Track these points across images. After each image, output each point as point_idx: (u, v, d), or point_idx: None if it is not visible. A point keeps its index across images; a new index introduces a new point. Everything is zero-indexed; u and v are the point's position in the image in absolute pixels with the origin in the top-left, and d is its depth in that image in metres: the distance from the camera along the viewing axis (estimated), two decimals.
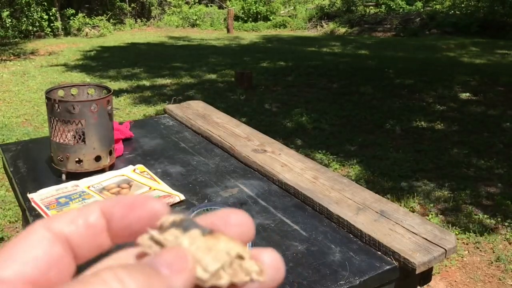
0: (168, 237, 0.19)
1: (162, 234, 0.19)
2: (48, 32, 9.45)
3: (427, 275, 0.88)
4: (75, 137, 1.02)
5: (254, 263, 0.19)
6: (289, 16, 11.62)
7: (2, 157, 1.17)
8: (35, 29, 9.28)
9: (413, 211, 2.23)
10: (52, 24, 9.56)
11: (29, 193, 0.94)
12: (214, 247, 0.19)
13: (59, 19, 9.71)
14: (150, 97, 4.60)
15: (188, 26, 11.53)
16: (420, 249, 0.82)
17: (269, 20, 11.46)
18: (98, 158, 1.04)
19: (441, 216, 2.30)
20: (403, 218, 0.90)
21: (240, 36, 9.88)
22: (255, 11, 11.40)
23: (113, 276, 0.17)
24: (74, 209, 0.21)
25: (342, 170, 2.81)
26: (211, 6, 12.76)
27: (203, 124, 1.33)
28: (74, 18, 10.02)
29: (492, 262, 1.94)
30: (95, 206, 0.21)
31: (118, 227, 0.21)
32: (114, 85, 5.00)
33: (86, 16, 10.24)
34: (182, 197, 0.94)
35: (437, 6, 10.95)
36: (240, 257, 0.19)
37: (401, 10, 10.84)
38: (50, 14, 9.48)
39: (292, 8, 12.01)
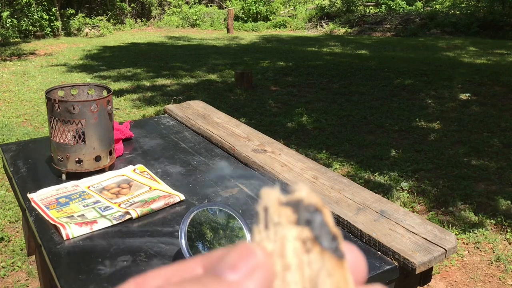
0: (272, 235, 0.15)
1: (268, 229, 0.15)
2: (48, 32, 9.45)
3: (427, 275, 0.88)
4: (75, 137, 1.02)
5: None
6: (289, 16, 11.62)
7: (2, 157, 1.17)
8: (35, 29, 9.28)
9: (413, 211, 2.23)
10: (52, 24, 9.56)
11: (29, 193, 0.94)
12: (321, 269, 0.15)
13: (59, 19, 9.71)
14: (150, 97, 4.60)
15: (188, 26, 11.53)
16: (420, 249, 0.82)
17: (269, 20, 11.46)
18: (98, 158, 1.04)
19: (441, 216, 2.30)
20: (403, 218, 0.90)
21: (240, 36, 9.88)
22: (255, 11, 11.40)
23: None
24: (169, 266, 0.17)
25: (342, 170, 2.81)
26: (211, 6, 12.76)
27: (203, 124, 1.33)
28: (74, 18, 10.02)
29: (492, 262, 1.94)
30: (196, 262, 0.17)
31: None
32: (114, 85, 5.00)
33: (86, 16, 10.24)
34: (182, 197, 0.94)
35: (437, 6, 10.95)
36: None
37: (401, 10, 10.84)
38: (50, 14, 9.48)
39: (292, 8, 12.02)
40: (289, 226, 0.15)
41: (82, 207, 0.90)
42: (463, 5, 10.29)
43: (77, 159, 1.02)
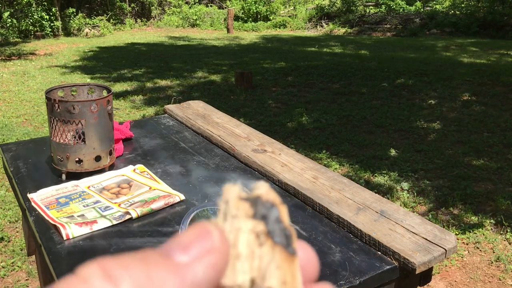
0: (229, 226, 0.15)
1: (227, 219, 0.15)
2: (48, 32, 9.45)
3: (427, 275, 0.88)
4: (75, 137, 1.02)
5: None
6: (289, 16, 11.62)
7: (2, 157, 1.17)
8: (35, 29, 9.28)
9: (413, 211, 2.23)
10: (52, 24, 9.56)
11: (29, 193, 0.94)
12: (271, 261, 0.15)
13: (59, 19, 9.70)
14: (150, 97, 4.60)
15: (188, 26, 11.53)
16: (420, 249, 0.82)
17: (269, 20, 11.46)
18: (98, 158, 1.04)
19: (441, 216, 2.30)
20: (403, 218, 0.90)
21: (240, 36, 9.88)
22: (255, 11, 11.40)
23: (99, 272, 0.12)
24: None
25: (342, 170, 2.81)
26: (211, 6, 12.75)
27: (203, 124, 1.33)
28: (74, 18, 10.02)
29: (492, 262, 1.94)
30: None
31: None
32: (114, 85, 5.01)
33: (86, 16, 10.24)
34: (182, 197, 0.94)
35: (437, 6, 10.95)
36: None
37: (401, 10, 10.84)
38: (51, 14, 9.48)
39: (292, 8, 12.01)
40: (245, 219, 0.16)
41: (82, 207, 0.90)
42: (463, 5, 10.29)
43: (77, 159, 1.02)
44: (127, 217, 0.85)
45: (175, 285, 0.13)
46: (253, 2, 11.33)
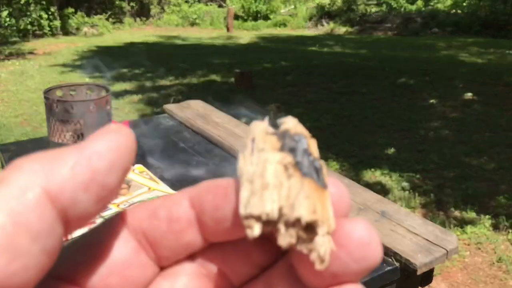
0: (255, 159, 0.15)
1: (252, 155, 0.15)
2: (46, 32, 9.43)
3: (428, 276, 0.88)
4: (73, 137, 1.02)
5: (329, 240, 0.14)
6: (290, 15, 11.61)
7: (0, 158, 1.17)
8: (34, 28, 9.27)
9: (414, 211, 2.22)
10: (50, 24, 9.54)
11: None
12: (300, 192, 0.14)
13: (58, 18, 9.69)
14: (149, 96, 4.59)
15: (187, 25, 11.52)
16: (421, 250, 0.81)
17: (269, 19, 11.44)
18: None
19: (442, 216, 2.29)
20: (404, 219, 0.89)
21: (240, 35, 9.87)
22: (255, 10, 11.38)
23: (10, 166, 0.13)
24: (156, 199, 0.17)
25: (342, 170, 2.80)
26: (210, 5, 12.74)
27: (202, 124, 1.33)
28: (73, 17, 10.01)
29: (494, 263, 1.94)
30: (182, 195, 0.17)
31: (211, 222, 0.16)
32: (113, 85, 5.00)
33: (85, 15, 10.22)
34: None
35: (438, 5, 10.92)
36: (314, 224, 0.14)
37: (402, 9, 10.82)
38: (49, 13, 9.46)
39: (293, 7, 12.00)
40: (272, 151, 0.15)
41: None
42: (464, 4, 10.26)
43: None
44: None
45: (74, 157, 0.14)
46: (253, 1, 11.32)
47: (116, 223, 0.16)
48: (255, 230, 0.14)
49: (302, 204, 0.14)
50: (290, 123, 0.16)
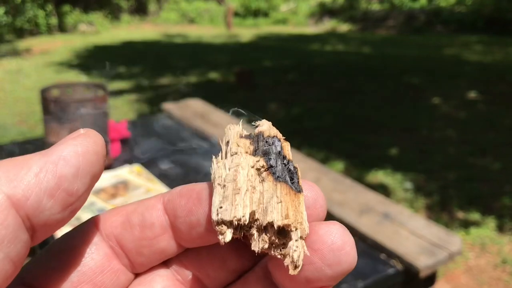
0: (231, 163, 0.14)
1: (229, 158, 0.15)
2: (43, 30, 9.40)
3: (431, 278, 0.86)
4: None
5: (302, 245, 0.14)
6: (290, 13, 11.57)
7: None
8: (30, 26, 9.24)
9: (417, 212, 2.20)
10: (47, 22, 9.52)
11: None
12: (272, 196, 0.14)
13: (54, 15, 9.67)
14: (147, 95, 4.58)
15: (186, 23, 11.49)
16: (424, 252, 0.80)
17: (270, 16, 11.41)
18: None
19: (446, 217, 2.27)
20: (407, 221, 0.88)
21: (239, 33, 9.84)
22: (255, 7, 11.35)
23: None
24: (130, 203, 0.17)
25: (344, 170, 2.78)
26: (210, 2, 12.71)
27: (201, 123, 1.31)
28: (70, 15, 9.98)
29: (497, 265, 1.91)
30: (156, 199, 0.16)
31: (185, 227, 0.16)
32: (110, 84, 4.99)
33: (82, 13, 10.19)
34: None
35: (442, 3, 10.86)
36: (287, 228, 0.14)
37: (405, 7, 10.77)
38: (46, 11, 9.44)
39: (294, 5, 11.96)
40: (246, 155, 0.15)
41: None
42: (468, 2, 10.20)
43: None
44: None
45: (40, 164, 0.13)
46: None
47: (89, 229, 0.16)
48: (227, 236, 0.14)
49: (275, 208, 0.14)
50: (264, 125, 0.16)
